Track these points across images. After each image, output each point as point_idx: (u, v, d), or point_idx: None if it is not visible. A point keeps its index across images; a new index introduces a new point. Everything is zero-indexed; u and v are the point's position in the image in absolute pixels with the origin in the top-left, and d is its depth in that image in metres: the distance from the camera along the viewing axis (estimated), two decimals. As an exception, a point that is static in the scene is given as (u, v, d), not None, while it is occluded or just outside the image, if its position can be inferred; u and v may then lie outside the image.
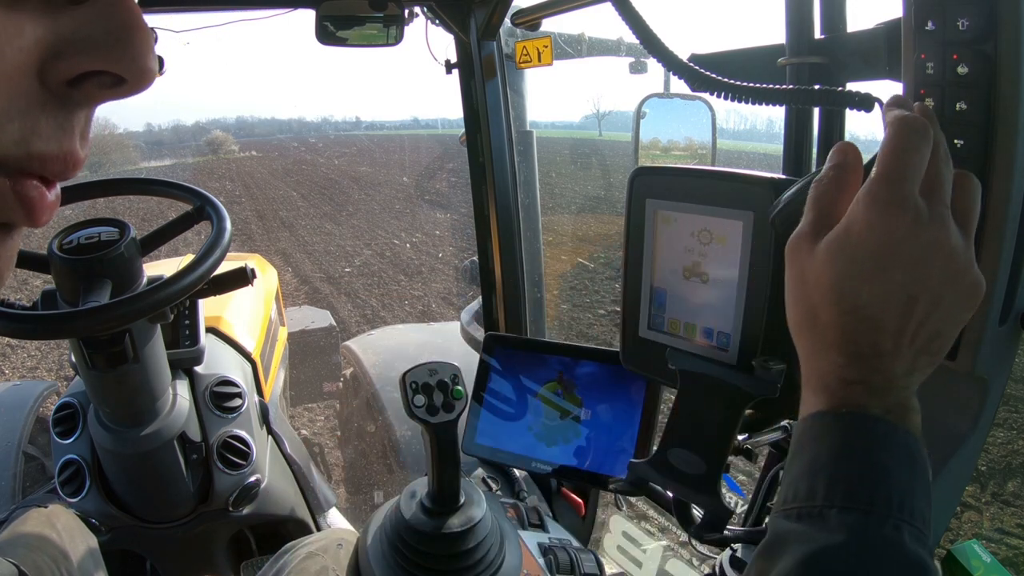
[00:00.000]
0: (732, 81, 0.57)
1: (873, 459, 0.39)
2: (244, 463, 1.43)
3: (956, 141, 0.51)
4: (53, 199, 0.26)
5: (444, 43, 1.42)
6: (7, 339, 4.65)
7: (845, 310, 0.41)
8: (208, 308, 1.59)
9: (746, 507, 0.87)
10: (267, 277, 2.56)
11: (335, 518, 1.79)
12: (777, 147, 0.83)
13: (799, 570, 0.37)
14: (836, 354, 0.41)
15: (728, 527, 0.66)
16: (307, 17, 1.16)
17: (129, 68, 0.25)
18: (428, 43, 1.40)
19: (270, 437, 1.62)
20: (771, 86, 0.56)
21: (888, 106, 0.45)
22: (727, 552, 0.75)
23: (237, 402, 1.48)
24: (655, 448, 0.69)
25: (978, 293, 0.42)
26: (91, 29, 0.24)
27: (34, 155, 0.25)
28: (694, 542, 0.78)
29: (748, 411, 0.65)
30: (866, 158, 0.47)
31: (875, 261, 0.40)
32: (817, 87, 0.58)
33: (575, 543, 0.93)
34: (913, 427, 0.40)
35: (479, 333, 1.69)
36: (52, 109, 0.25)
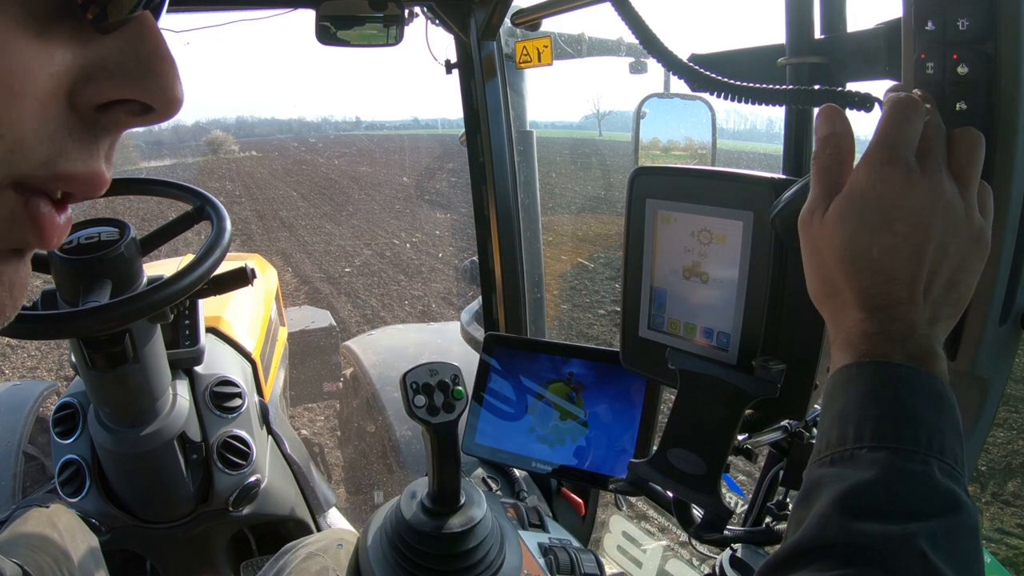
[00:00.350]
0: (732, 81, 0.57)
1: (899, 400, 0.41)
2: (244, 463, 1.43)
3: (956, 141, 0.51)
4: (64, 221, 0.27)
5: (444, 43, 1.42)
6: (7, 339, 4.65)
7: (859, 267, 0.44)
8: (208, 308, 1.59)
9: (746, 507, 0.87)
10: (267, 277, 2.56)
11: (335, 518, 1.79)
12: (777, 147, 0.83)
13: (833, 508, 0.38)
14: (856, 310, 0.44)
15: (728, 527, 0.66)
16: (307, 17, 1.16)
17: (157, 97, 0.26)
18: (428, 43, 1.40)
19: (270, 437, 1.62)
20: (771, 86, 0.56)
21: (887, 92, 0.48)
22: (727, 552, 0.75)
23: (237, 402, 1.48)
24: (655, 448, 0.69)
25: (983, 241, 0.44)
26: (120, 57, 0.25)
27: (60, 175, 0.25)
28: (694, 542, 0.78)
29: (748, 411, 0.65)
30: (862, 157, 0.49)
31: (879, 216, 0.43)
32: (817, 87, 0.58)
33: (575, 543, 0.93)
34: (939, 372, 0.42)
35: (479, 333, 1.69)
36: (79, 132, 0.25)
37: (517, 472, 1.15)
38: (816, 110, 0.78)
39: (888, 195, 0.43)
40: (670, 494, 0.70)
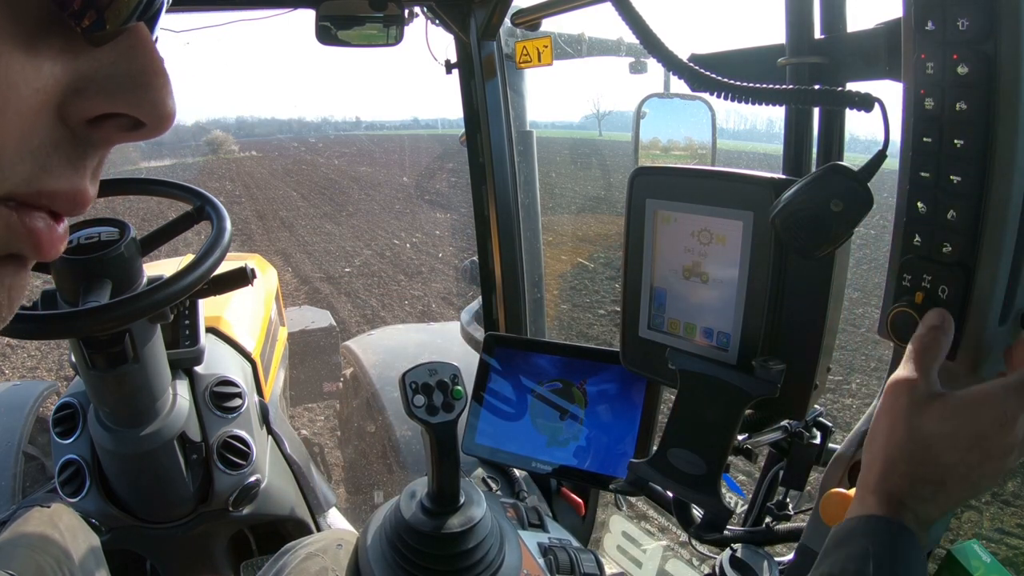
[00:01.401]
0: (732, 81, 0.57)
1: (911, 567, 0.49)
2: (244, 463, 1.43)
3: (956, 141, 0.51)
4: (62, 232, 0.27)
5: (444, 43, 1.42)
6: (7, 339, 4.65)
7: (928, 459, 0.51)
8: (208, 308, 1.59)
9: (746, 507, 0.87)
10: (267, 277, 2.56)
11: (335, 518, 1.79)
12: (777, 147, 0.83)
13: None
14: (904, 481, 0.52)
15: (728, 527, 0.66)
16: (307, 17, 1.16)
17: (148, 112, 0.25)
18: (428, 43, 1.40)
19: (270, 437, 1.62)
20: (771, 86, 0.56)
21: None
22: (727, 552, 0.75)
23: (237, 402, 1.48)
24: (655, 448, 0.69)
25: (984, 490, 0.54)
26: (112, 70, 0.25)
27: (43, 192, 0.25)
28: (694, 542, 0.78)
29: (748, 411, 0.65)
30: (864, 160, 0.49)
31: (967, 439, 0.50)
32: (817, 87, 0.58)
33: (575, 543, 0.93)
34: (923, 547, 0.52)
35: (479, 333, 1.69)
36: (67, 148, 0.25)
37: (517, 472, 1.15)
38: (816, 110, 0.78)
39: (990, 429, 0.50)
40: (670, 494, 0.70)
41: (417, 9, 1.33)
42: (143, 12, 0.25)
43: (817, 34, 0.74)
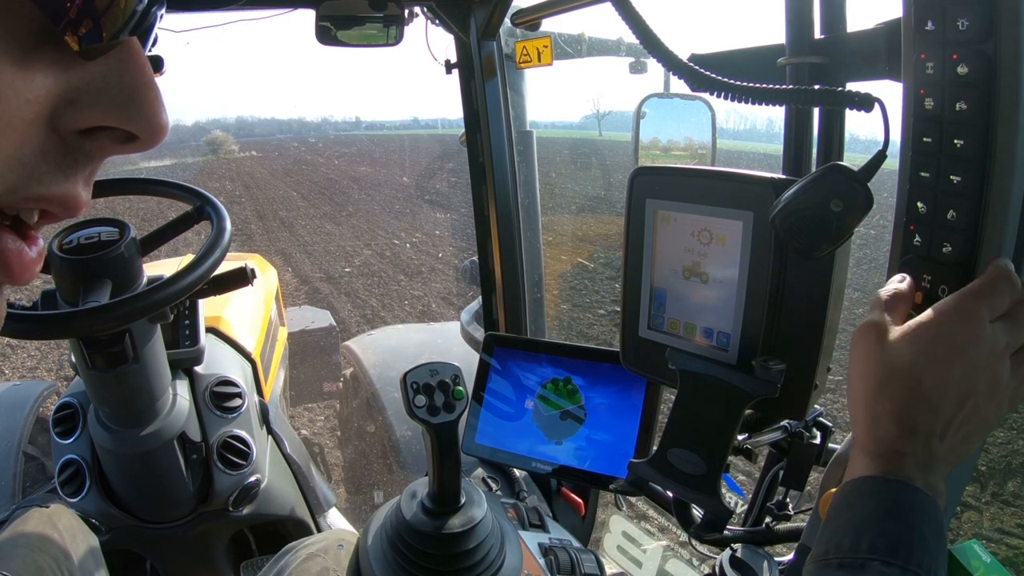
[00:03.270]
0: (732, 81, 0.57)
1: (914, 524, 0.44)
2: (244, 463, 1.43)
3: (956, 141, 0.51)
4: (35, 255, 0.27)
5: (444, 43, 1.42)
6: (7, 339, 4.65)
7: (910, 387, 0.47)
8: (208, 308, 1.59)
9: (746, 507, 0.87)
10: (267, 277, 2.56)
11: (335, 518, 1.79)
12: (777, 147, 0.83)
13: None
14: (892, 423, 0.47)
15: (728, 527, 0.66)
16: (307, 17, 1.16)
17: (140, 125, 0.26)
18: (428, 43, 1.40)
19: (270, 437, 1.62)
20: (771, 86, 0.56)
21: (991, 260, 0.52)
22: (727, 552, 0.75)
23: (237, 402, 1.48)
24: (655, 448, 0.69)
25: (1002, 416, 0.49)
26: (103, 84, 0.25)
27: (31, 197, 0.25)
28: (694, 542, 0.78)
29: (748, 411, 0.65)
30: (864, 160, 0.49)
31: (946, 350, 0.47)
32: (817, 87, 0.58)
33: (575, 543, 0.93)
34: (942, 505, 0.47)
35: (479, 333, 1.69)
36: (58, 157, 0.25)
37: (517, 472, 1.15)
38: (816, 110, 0.78)
39: (962, 337, 0.47)
40: (670, 494, 0.70)
41: (417, 9, 1.33)
42: (135, 27, 0.25)
43: (817, 34, 0.74)
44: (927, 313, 0.49)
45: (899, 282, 0.54)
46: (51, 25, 0.23)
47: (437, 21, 1.37)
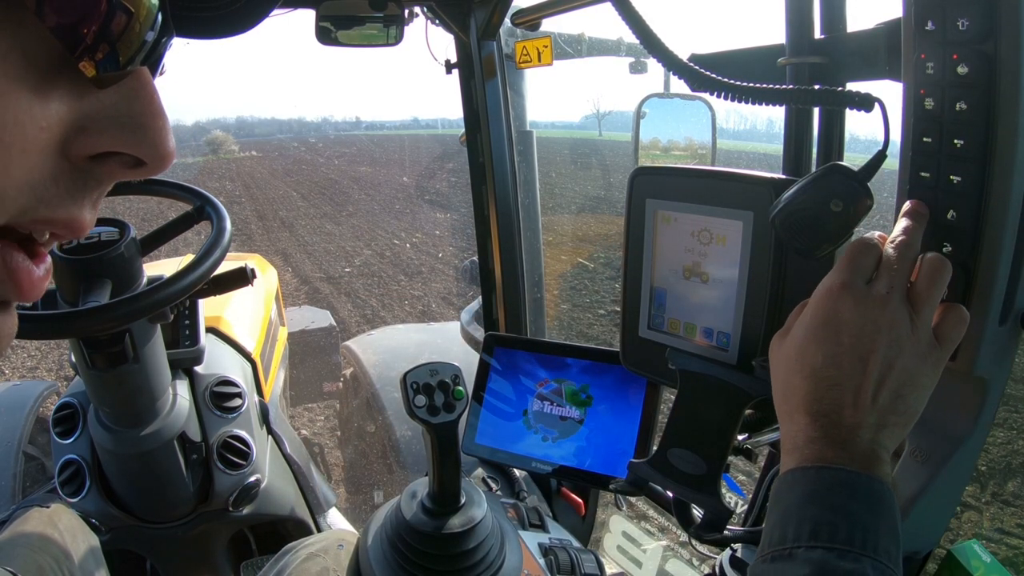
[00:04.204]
0: (732, 81, 0.57)
1: (836, 502, 0.44)
2: (244, 463, 1.43)
3: (956, 141, 0.51)
4: (43, 273, 0.27)
5: (444, 43, 1.42)
6: (7, 339, 4.63)
7: (807, 374, 0.49)
8: (208, 308, 1.59)
9: (746, 507, 0.87)
10: (267, 277, 2.56)
11: (335, 518, 1.79)
12: (777, 147, 0.83)
13: None
14: (802, 415, 0.48)
15: (728, 527, 0.66)
16: (307, 17, 1.16)
17: (148, 152, 0.27)
18: (428, 43, 1.40)
19: (270, 437, 1.62)
20: (771, 86, 0.56)
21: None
22: (727, 552, 0.75)
23: (237, 402, 1.48)
24: (655, 448, 0.69)
25: (932, 359, 0.48)
26: (114, 112, 0.26)
27: (39, 220, 0.26)
28: (694, 542, 0.78)
29: (748, 411, 0.65)
30: (864, 160, 0.49)
31: (826, 329, 0.49)
32: (817, 87, 0.58)
33: (575, 543, 0.93)
34: (881, 475, 0.46)
35: (479, 333, 1.69)
36: (67, 181, 0.26)
37: (517, 472, 1.15)
38: (816, 110, 0.78)
39: (836, 311, 0.48)
40: (670, 494, 0.70)
41: (417, 9, 1.33)
42: (146, 56, 0.26)
43: (817, 34, 0.74)
44: (807, 303, 0.51)
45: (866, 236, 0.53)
46: (68, 55, 0.24)
47: (437, 21, 1.37)
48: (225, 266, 1.08)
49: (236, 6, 0.31)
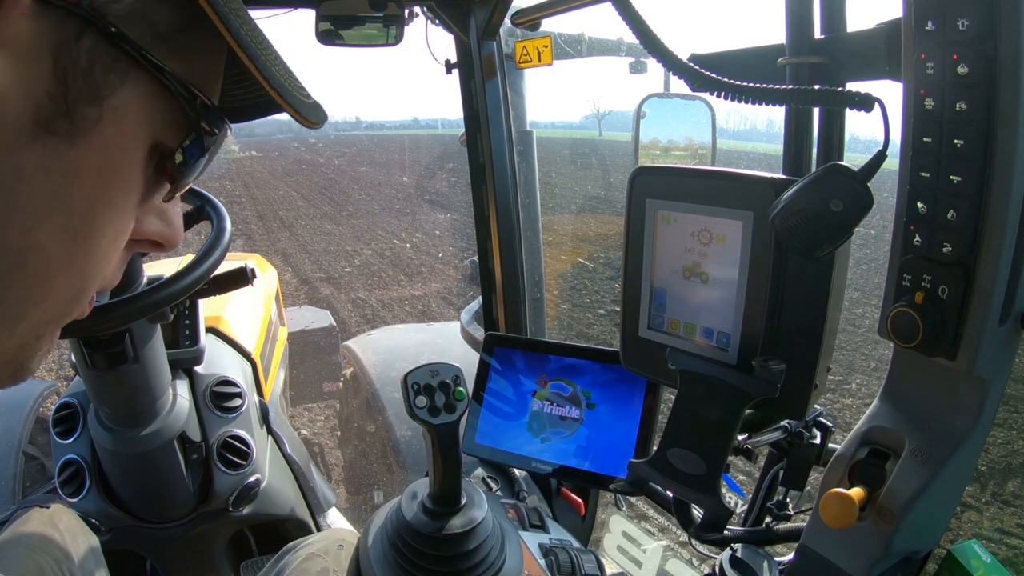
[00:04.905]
0: (732, 81, 0.57)
1: None
2: (244, 463, 1.43)
3: (956, 141, 0.51)
4: (88, 312, 0.35)
5: (444, 43, 1.42)
6: (7, 339, 4.63)
7: None
8: (208, 308, 1.59)
9: (746, 507, 0.87)
10: (267, 277, 2.56)
11: (335, 518, 1.79)
12: (777, 147, 0.83)
13: None
14: None
15: (728, 527, 0.66)
16: (307, 17, 1.16)
17: (171, 240, 0.37)
18: (428, 43, 1.40)
19: (270, 437, 1.61)
20: (771, 86, 0.56)
21: None
22: (727, 552, 0.75)
23: (237, 402, 1.48)
24: (655, 448, 0.69)
25: None
26: (158, 208, 0.35)
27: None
28: (694, 542, 0.78)
29: (748, 411, 0.65)
30: (864, 160, 0.49)
31: None
32: (817, 87, 0.58)
33: (575, 543, 0.93)
34: None
35: (479, 333, 1.69)
36: (119, 267, 0.35)
37: (517, 472, 1.15)
38: (816, 110, 0.78)
39: None
40: (670, 494, 0.70)
41: (417, 9, 1.33)
42: (182, 186, 0.35)
43: (817, 34, 0.74)
44: None
45: None
46: (156, 178, 0.33)
47: (437, 21, 1.37)
48: (225, 266, 1.08)
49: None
